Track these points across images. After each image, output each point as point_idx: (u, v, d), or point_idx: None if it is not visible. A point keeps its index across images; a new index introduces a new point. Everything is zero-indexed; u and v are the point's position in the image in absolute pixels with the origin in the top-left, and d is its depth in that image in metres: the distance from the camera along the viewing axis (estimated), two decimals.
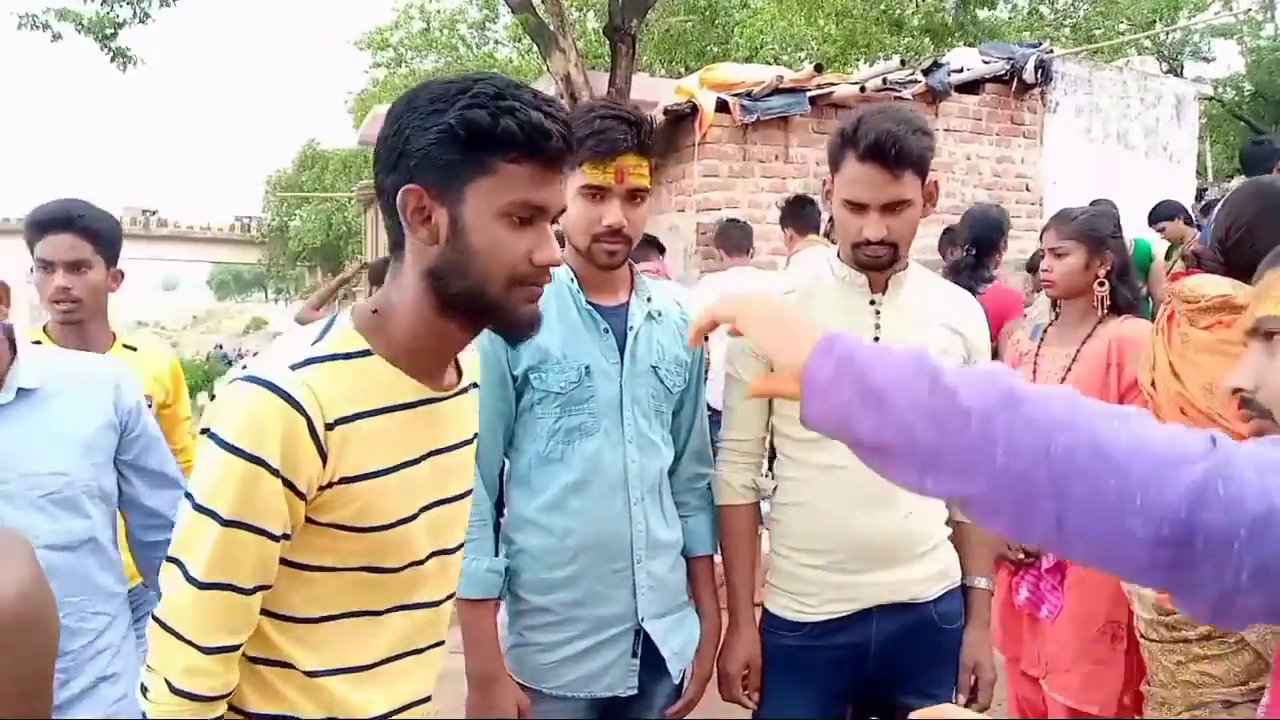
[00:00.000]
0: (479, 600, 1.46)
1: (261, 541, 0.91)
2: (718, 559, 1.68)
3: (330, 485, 0.93)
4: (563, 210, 0.97)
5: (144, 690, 0.93)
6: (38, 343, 1.85)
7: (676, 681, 1.60)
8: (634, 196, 1.47)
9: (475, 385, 1.13)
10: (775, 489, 1.64)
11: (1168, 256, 5.22)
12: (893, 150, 1.45)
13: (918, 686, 1.63)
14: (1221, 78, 19.07)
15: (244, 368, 0.93)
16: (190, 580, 0.90)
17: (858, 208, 1.49)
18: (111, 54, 8.32)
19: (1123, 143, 7.13)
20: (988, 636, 1.71)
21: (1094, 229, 2.26)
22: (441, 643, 1.12)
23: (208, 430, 0.92)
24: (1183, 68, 18.01)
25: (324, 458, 0.91)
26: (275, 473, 0.89)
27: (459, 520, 1.11)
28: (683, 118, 5.84)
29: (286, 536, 0.93)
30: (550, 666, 1.52)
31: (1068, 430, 0.59)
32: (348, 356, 0.94)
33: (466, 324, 0.98)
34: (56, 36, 8.37)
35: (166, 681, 0.91)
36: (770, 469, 1.70)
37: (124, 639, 1.60)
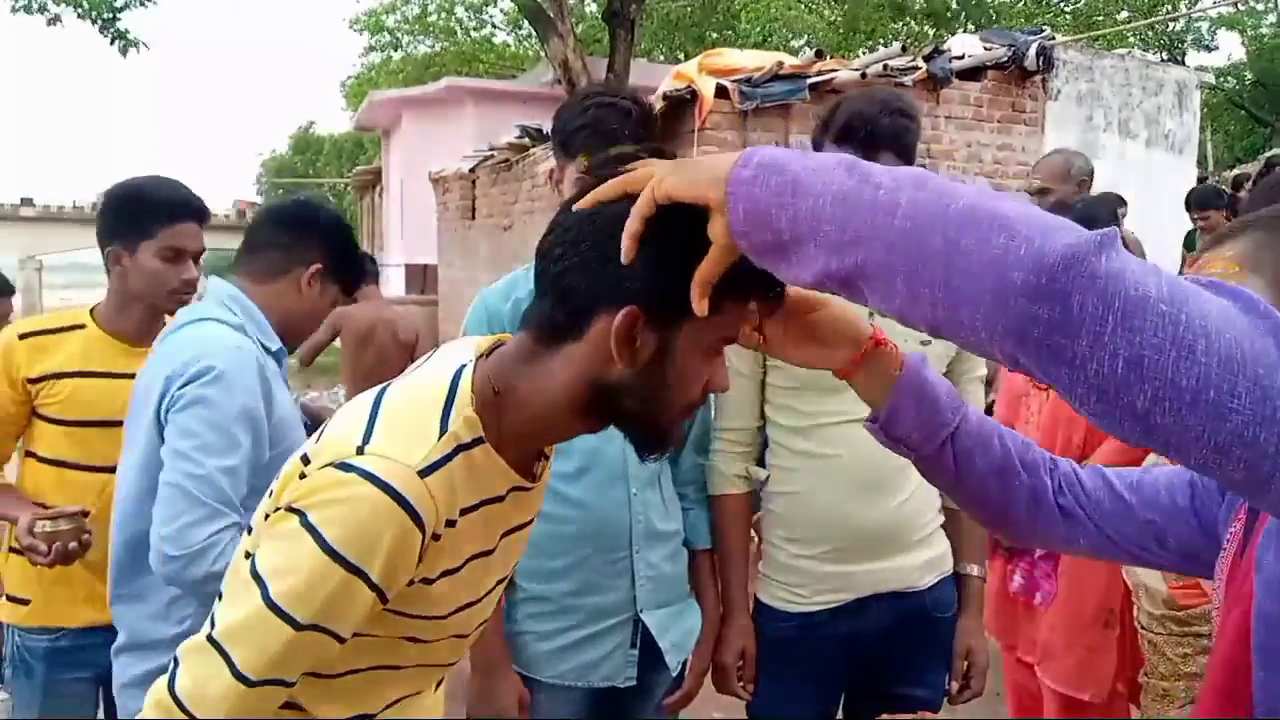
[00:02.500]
0: None
1: (329, 642, 0.83)
2: None
3: (411, 583, 0.86)
4: None
5: None
6: None
7: (675, 673, 1.60)
8: None
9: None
10: (768, 478, 1.64)
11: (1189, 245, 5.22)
12: (864, 130, 1.44)
13: (912, 675, 1.64)
14: (1223, 66, 19.00)
15: (359, 450, 0.81)
16: (239, 677, 0.81)
17: None
18: (112, 37, 8.24)
19: (1124, 131, 7.10)
20: (981, 624, 1.72)
21: (1088, 218, 2.26)
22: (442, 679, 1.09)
23: (301, 515, 0.80)
24: (1184, 55, 17.93)
25: (419, 562, 0.84)
26: (374, 585, 0.81)
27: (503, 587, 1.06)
28: (682, 103, 5.80)
29: None
30: (547, 655, 1.52)
31: (968, 197, 0.60)
32: (467, 448, 0.85)
33: (599, 426, 0.89)
34: (54, 20, 8.29)
35: None
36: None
37: None
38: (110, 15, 8.01)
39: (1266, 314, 0.57)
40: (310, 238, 1.63)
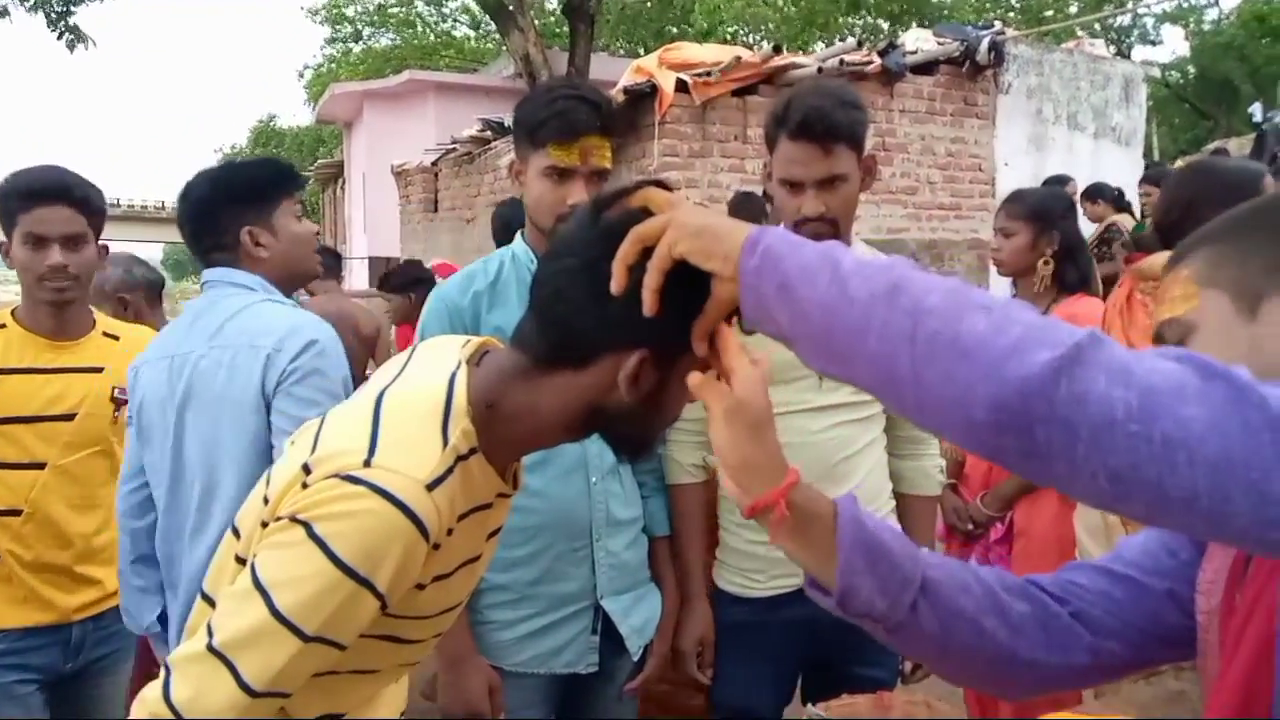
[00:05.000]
0: None
1: (332, 652, 0.84)
2: None
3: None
4: None
5: None
6: None
7: (636, 659, 1.62)
8: (597, 177, 1.49)
9: None
10: None
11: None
12: (821, 125, 1.47)
13: (866, 657, 1.67)
14: (1168, 61, 19.50)
15: (365, 463, 0.80)
16: (244, 688, 0.80)
17: (794, 186, 1.51)
18: (60, 33, 8.03)
19: (1073, 124, 7.27)
20: None
21: (1040, 210, 2.33)
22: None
23: (307, 526, 0.79)
24: (1131, 50, 18.37)
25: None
26: (379, 595, 0.81)
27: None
28: (642, 97, 5.82)
29: None
30: (509, 644, 1.54)
31: (933, 318, 0.59)
32: (464, 459, 0.85)
33: (584, 438, 0.91)
34: (3, 13, 8.06)
35: None
36: None
37: None
38: (61, 9, 7.79)
39: (1260, 404, 0.53)
40: (235, 206, 1.59)
